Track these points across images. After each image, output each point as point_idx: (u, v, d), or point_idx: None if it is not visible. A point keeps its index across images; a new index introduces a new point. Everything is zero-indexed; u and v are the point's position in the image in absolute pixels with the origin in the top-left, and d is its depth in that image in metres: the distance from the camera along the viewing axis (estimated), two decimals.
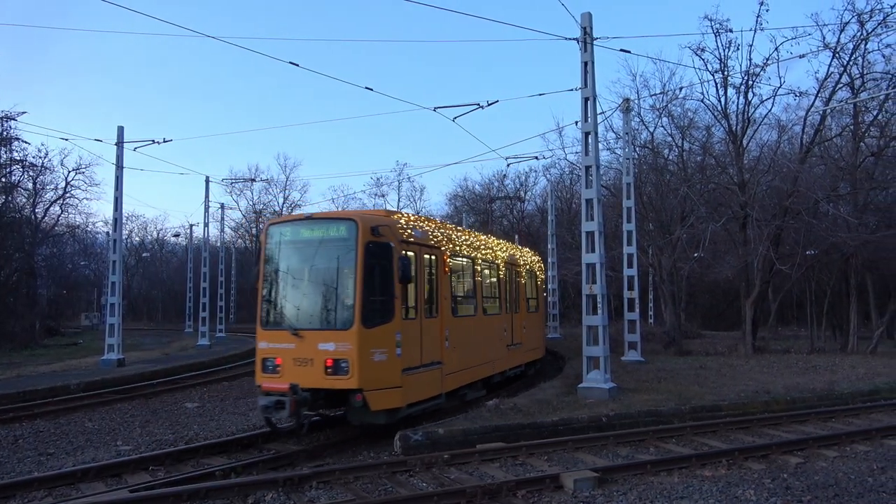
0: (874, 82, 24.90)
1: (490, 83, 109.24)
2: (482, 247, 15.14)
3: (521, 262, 18.41)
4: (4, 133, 33.52)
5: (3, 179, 35.28)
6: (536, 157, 27.46)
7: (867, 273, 26.80)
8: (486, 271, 15.25)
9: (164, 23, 49.43)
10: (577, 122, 15.60)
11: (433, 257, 12.01)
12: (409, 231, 11.22)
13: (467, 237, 14.52)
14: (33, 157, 38.43)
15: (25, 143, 35.27)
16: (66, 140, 55.67)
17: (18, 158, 36.14)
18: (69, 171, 41.27)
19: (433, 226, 13.02)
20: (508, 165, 54.46)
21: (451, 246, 12.94)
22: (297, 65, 16.47)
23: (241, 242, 73.04)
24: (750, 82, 24.72)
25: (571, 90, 14.62)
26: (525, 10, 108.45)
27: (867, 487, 7.98)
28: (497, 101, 15.94)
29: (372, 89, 17.98)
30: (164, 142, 21.63)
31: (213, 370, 21.61)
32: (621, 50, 16.10)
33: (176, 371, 20.65)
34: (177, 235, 54.99)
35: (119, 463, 9.04)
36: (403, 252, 10.76)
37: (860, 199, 24.68)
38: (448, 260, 12.62)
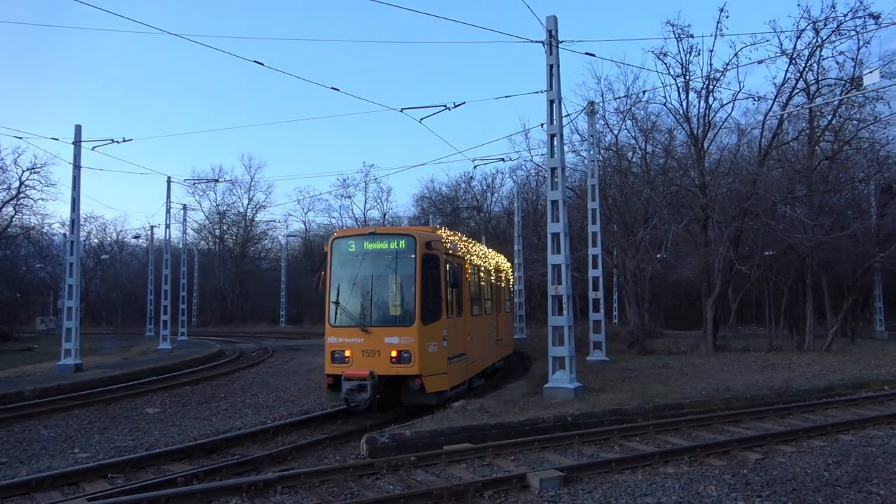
0: (828, 88, 25.65)
1: (457, 85, 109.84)
2: (482, 255, 17.47)
3: (501, 268, 20.68)
4: None
5: None
6: (503, 159, 27.57)
7: (822, 273, 27.59)
8: (485, 276, 17.58)
9: (126, 19, 48.43)
10: (542, 125, 15.73)
11: (460, 265, 14.02)
12: (448, 244, 13.57)
13: (474, 247, 16.85)
14: None
15: None
16: (20, 139, 53.92)
17: None
18: (23, 171, 40.13)
19: (456, 238, 15.18)
20: (475, 167, 54.85)
21: (468, 256, 15.30)
22: (262, 64, 16.28)
23: (203, 244, 71.67)
24: (710, 87, 25.28)
25: (537, 93, 14.73)
26: (492, 12, 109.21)
27: (823, 482, 8.21)
28: (464, 102, 16.09)
29: (338, 89, 17.91)
30: (124, 141, 21.18)
31: (174, 374, 21.18)
32: (586, 53, 16.25)
33: (136, 375, 20.17)
34: (137, 237, 53.88)
35: (76, 471, 8.79)
36: (448, 262, 12.95)
37: (815, 201, 25.40)
38: (468, 267, 14.99)
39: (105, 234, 74.01)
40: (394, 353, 11.93)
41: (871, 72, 16.35)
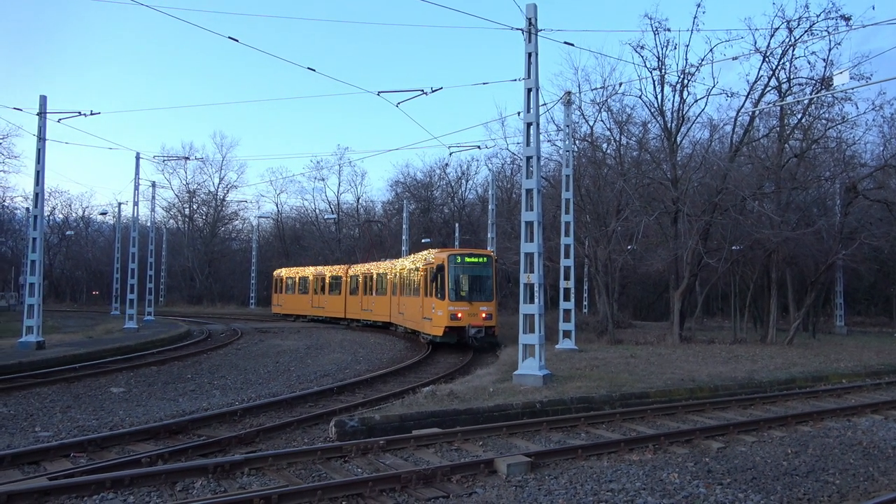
0: (799, 87, 26.07)
1: (435, 70, 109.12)
2: None
3: None
4: None
5: None
6: (479, 147, 27.41)
7: (787, 268, 28.21)
8: None
9: None
10: (519, 113, 15.75)
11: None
12: (496, 257, 24.65)
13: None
14: None
15: None
16: None
17: None
18: None
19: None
20: (451, 154, 54.45)
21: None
22: (237, 40, 15.92)
23: (172, 223, 70.44)
24: (685, 81, 25.52)
25: (515, 80, 14.75)
26: None
27: (782, 471, 8.44)
28: (441, 88, 16.14)
29: (315, 70, 17.56)
30: (92, 114, 20.64)
31: (140, 354, 20.85)
32: (565, 42, 16.24)
33: (101, 354, 19.81)
34: (104, 214, 52.38)
35: (37, 450, 8.62)
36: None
37: (783, 198, 25.88)
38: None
39: (70, 209, 72.23)
40: (483, 315, 22.19)
41: (842, 72, 16.55)
